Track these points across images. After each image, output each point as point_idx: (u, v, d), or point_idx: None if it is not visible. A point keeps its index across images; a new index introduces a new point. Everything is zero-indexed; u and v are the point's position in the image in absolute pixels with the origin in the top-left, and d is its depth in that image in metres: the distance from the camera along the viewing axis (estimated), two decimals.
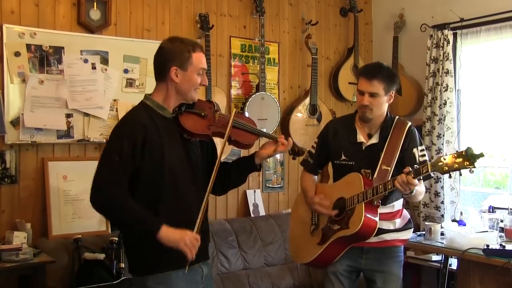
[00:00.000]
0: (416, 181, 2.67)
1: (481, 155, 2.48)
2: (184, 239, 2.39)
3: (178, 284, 2.49)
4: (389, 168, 2.86)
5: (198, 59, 2.54)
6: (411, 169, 2.69)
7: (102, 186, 2.42)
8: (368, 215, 2.83)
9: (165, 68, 2.52)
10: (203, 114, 2.61)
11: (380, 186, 2.79)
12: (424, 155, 2.99)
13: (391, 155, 2.92)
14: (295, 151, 2.82)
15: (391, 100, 3.03)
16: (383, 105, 2.99)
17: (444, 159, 2.57)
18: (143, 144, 2.43)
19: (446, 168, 2.56)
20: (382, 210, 2.94)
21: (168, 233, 2.39)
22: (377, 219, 2.86)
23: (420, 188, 2.90)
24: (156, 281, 2.47)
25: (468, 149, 2.52)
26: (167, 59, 2.52)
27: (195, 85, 2.56)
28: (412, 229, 3.15)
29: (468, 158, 2.49)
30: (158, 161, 2.46)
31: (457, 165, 2.52)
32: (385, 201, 2.97)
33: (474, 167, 2.49)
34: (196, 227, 2.45)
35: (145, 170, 2.44)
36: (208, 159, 2.71)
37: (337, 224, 2.97)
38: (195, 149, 2.62)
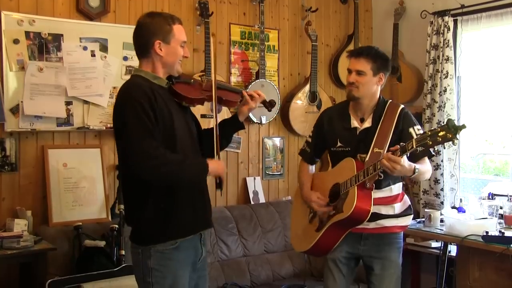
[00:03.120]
0: (400, 159, 2.67)
1: (463, 126, 2.50)
2: (220, 167, 2.60)
3: (179, 269, 2.52)
4: (381, 151, 2.86)
5: (179, 31, 2.60)
6: (399, 146, 2.70)
7: (143, 147, 2.37)
8: (360, 197, 2.84)
9: (148, 43, 2.55)
10: (192, 81, 2.74)
11: (370, 167, 2.81)
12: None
13: (384, 137, 2.93)
14: (267, 103, 2.90)
15: (381, 83, 3.05)
16: (370, 85, 3.01)
17: (428, 134, 2.58)
18: (156, 108, 2.44)
19: (431, 142, 2.56)
20: (380, 194, 2.96)
21: (212, 166, 2.55)
22: (370, 201, 2.87)
23: (423, 167, 2.91)
24: (159, 262, 2.49)
25: (449, 121, 2.53)
26: (150, 34, 2.55)
27: (179, 57, 2.62)
28: (412, 215, 3.15)
29: (450, 130, 2.50)
30: (170, 128, 2.49)
31: (440, 138, 2.53)
32: (381, 184, 2.98)
33: (457, 138, 2.51)
34: (217, 154, 2.65)
35: (168, 132, 2.48)
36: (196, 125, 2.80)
37: (333, 209, 2.99)
38: (191, 118, 2.72)
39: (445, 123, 2.55)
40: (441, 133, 2.52)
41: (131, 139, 2.40)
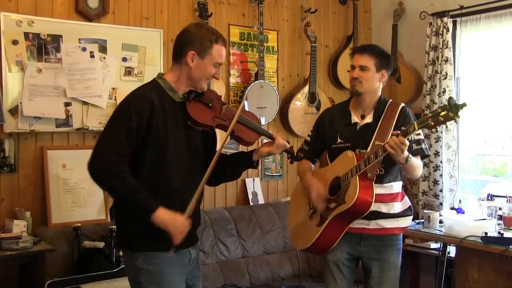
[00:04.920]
0: (406, 141, 2.68)
1: (464, 104, 2.51)
2: (174, 222, 2.40)
3: (166, 266, 2.50)
4: (382, 143, 2.87)
5: (218, 51, 2.55)
6: (399, 131, 2.71)
7: (104, 152, 2.40)
8: (362, 187, 2.85)
9: (183, 50, 2.52)
10: (210, 104, 2.63)
11: (372, 155, 2.81)
12: (419, 134, 3.00)
13: (385, 132, 2.95)
14: (293, 154, 2.84)
15: (383, 80, 3.09)
16: (373, 81, 3.04)
17: (429, 115, 2.60)
18: (148, 122, 2.43)
19: (432, 122, 2.58)
20: (380, 190, 2.96)
21: (161, 214, 2.39)
22: (372, 192, 2.87)
23: (416, 161, 2.92)
24: (145, 261, 2.49)
25: (450, 99, 2.55)
26: (188, 42, 2.52)
27: (208, 76, 2.57)
28: (412, 216, 3.16)
29: (451, 109, 2.51)
30: (161, 145, 2.47)
31: (442, 118, 2.54)
32: (382, 179, 2.99)
33: (458, 116, 2.52)
34: (187, 212, 2.45)
35: (148, 150, 2.45)
36: (206, 149, 2.73)
37: (334, 202, 2.99)
38: (196, 137, 2.63)
39: (446, 102, 2.56)
40: (442, 113, 2.54)
41: (98, 142, 2.47)
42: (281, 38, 5.16)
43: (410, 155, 2.79)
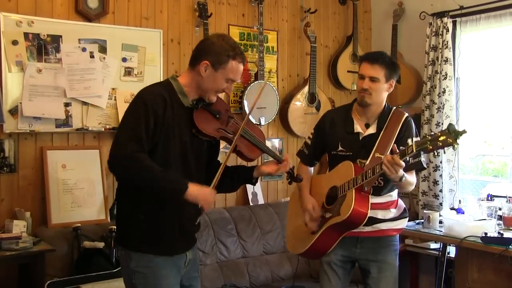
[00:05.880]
0: (402, 162, 2.65)
1: (464, 131, 2.49)
2: (203, 195, 2.46)
3: (160, 268, 2.51)
4: (382, 156, 2.85)
5: (233, 68, 2.54)
6: (398, 150, 2.68)
7: (124, 143, 2.39)
8: (358, 201, 2.83)
9: (198, 58, 2.53)
10: (217, 116, 2.62)
11: (369, 170, 2.79)
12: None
13: (386, 144, 2.92)
14: (292, 176, 2.84)
15: (391, 89, 3.03)
16: (382, 92, 2.99)
17: (428, 138, 2.56)
18: (163, 118, 2.44)
19: (431, 147, 2.54)
20: (378, 200, 2.95)
21: (193, 190, 2.42)
22: (367, 205, 2.85)
23: (410, 178, 2.89)
24: (139, 263, 2.50)
25: (450, 125, 2.51)
26: (205, 51, 2.53)
27: (217, 89, 2.57)
28: (407, 218, 3.14)
29: (451, 135, 2.49)
30: (166, 146, 2.47)
31: (440, 143, 2.51)
32: (381, 191, 2.98)
33: (457, 143, 2.50)
34: (212, 184, 2.52)
35: (157, 150, 2.45)
36: (209, 156, 2.73)
37: (329, 212, 2.97)
38: (200, 145, 2.63)
39: (446, 128, 2.53)
40: (441, 138, 2.51)
41: (118, 136, 2.46)
42: (281, 38, 5.16)
43: (405, 175, 2.76)
